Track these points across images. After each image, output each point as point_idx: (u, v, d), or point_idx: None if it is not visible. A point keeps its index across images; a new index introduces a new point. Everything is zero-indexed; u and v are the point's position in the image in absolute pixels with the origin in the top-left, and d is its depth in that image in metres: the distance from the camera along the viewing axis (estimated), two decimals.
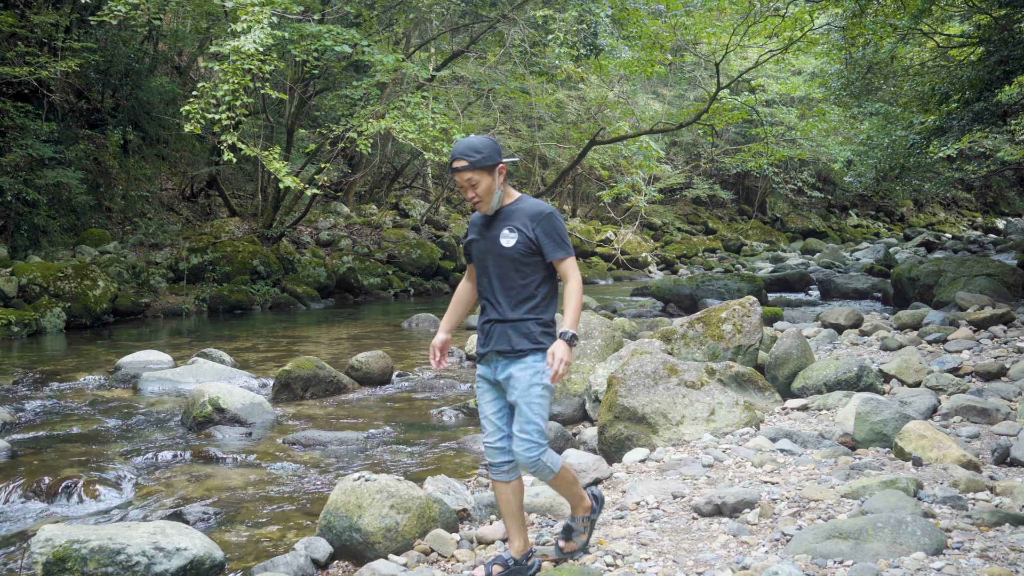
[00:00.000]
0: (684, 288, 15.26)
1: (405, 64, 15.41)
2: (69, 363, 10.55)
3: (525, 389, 3.80)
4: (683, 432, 5.82)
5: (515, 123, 24.95)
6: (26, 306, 13.18)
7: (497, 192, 3.85)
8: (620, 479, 5.30)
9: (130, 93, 20.35)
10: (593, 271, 24.43)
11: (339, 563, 4.48)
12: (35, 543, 4.13)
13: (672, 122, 21.34)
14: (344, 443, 6.83)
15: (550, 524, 4.69)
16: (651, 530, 4.35)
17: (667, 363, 6.19)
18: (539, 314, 3.86)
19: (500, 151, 3.87)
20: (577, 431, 7.02)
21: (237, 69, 12.40)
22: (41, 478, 5.77)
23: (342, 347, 11.90)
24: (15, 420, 7.44)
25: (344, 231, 21.60)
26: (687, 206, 34.53)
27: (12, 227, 16.20)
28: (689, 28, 19.35)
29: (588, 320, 7.95)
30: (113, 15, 13.11)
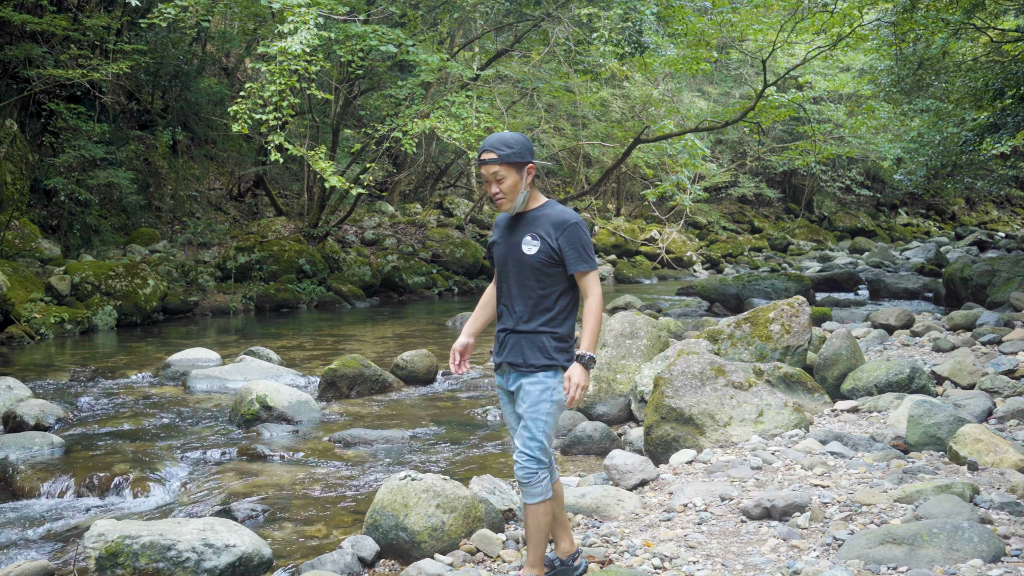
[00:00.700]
0: (730, 287, 15.11)
1: (450, 63, 15.44)
2: (120, 360, 10.73)
3: (533, 404, 3.68)
4: (731, 434, 5.75)
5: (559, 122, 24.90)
6: (79, 304, 13.43)
7: (523, 192, 3.71)
8: (667, 480, 5.26)
9: (179, 94, 20.65)
10: (637, 270, 24.30)
11: (385, 562, 4.49)
12: (88, 538, 4.20)
13: (718, 120, 21.13)
14: (389, 442, 6.86)
15: (596, 525, 4.66)
16: (699, 532, 4.30)
17: (714, 364, 6.13)
18: (555, 327, 3.72)
19: (532, 150, 3.75)
20: (623, 431, 6.98)
21: (284, 70, 12.50)
22: (93, 474, 5.87)
23: (387, 346, 11.96)
24: (69, 416, 7.58)
25: (389, 230, 21.72)
26: (732, 205, 34.21)
27: (65, 226, 16.53)
28: (735, 25, 19.14)
29: (634, 320, 7.90)
30: (163, 18, 13.30)
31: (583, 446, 6.53)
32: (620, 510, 4.81)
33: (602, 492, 4.96)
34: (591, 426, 6.65)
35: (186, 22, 15.91)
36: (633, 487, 5.23)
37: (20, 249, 14.81)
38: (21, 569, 4.26)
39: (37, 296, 13.01)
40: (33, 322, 12.39)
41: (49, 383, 9.15)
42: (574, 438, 6.58)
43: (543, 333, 3.70)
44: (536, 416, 3.67)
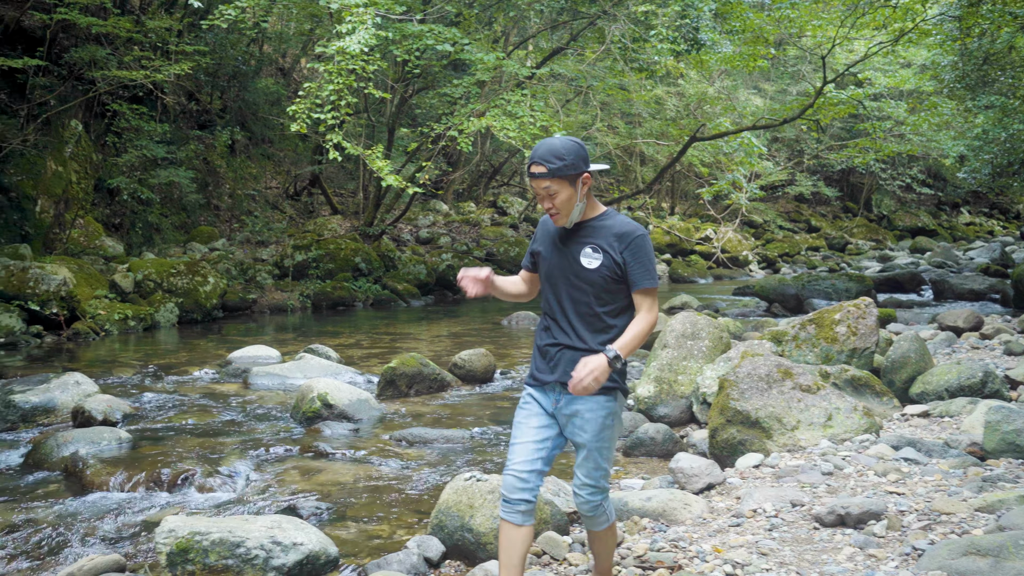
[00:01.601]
0: (789, 288, 14.88)
1: (505, 62, 15.42)
2: (183, 357, 10.89)
3: (597, 432, 3.44)
4: (798, 438, 5.64)
5: (613, 120, 24.76)
6: (142, 301, 13.67)
7: (578, 205, 3.38)
8: (734, 484, 5.17)
9: (237, 94, 20.95)
10: (692, 269, 24.07)
11: (451, 562, 4.48)
12: (159, 533, 4.25)
13: (775, 118, 20.83)
14: (450, 441, 6.85)
15: (663, 529, 4.59)
16: (770, 539, 4.21)
17: (781, 366, 6.01)
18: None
19: (587, 158, 3.39)
20: (685, 433, 6.89)
21: (342, 69, 12.58)
22: (161, 469, 5.94)
23: (443, 344, 11.98)
24: (135, 412, 7.69)
25: (443, 229, 21.80)
26: (789, 203, 33.74)
27: (128, 225, 16.85)
28: (794, 21, 18.84)
29: (695, 320, 7.79)
30: (224, 19, 13.47)
31: (645, 448, 6.45)
32: (687, 514, 4.74)
33: (668, 496, 4.89)
34: (653, 428, 6.57)
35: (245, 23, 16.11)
36: (699, 491, 5.15)
37: (85, 247, 15.12)
38: (94, 563, 4.32)
39: (102, 293, 13.26)
40: (98, 318, 12.64)
41: (115, 379, 9.32)
42: (636, 440, 6.51)
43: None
44: (602, 445, 3.47)
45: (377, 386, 8.78)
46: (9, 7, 15.25)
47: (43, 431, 7.19)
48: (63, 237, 14.88)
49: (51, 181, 14.81)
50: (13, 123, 14.64)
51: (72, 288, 12.43)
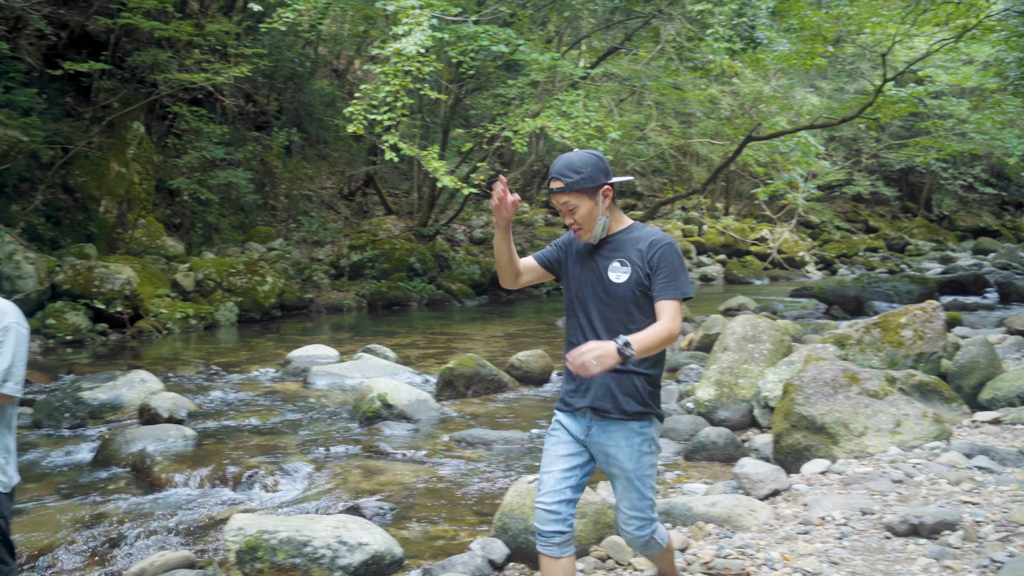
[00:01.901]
0: (849, 289, 14.63)
1: (560, 62, 15.39)
2: (243, 356, 11.04)
3: (636, 461, 3.28)
4: (866, 444, 5.53)
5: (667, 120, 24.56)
6: (202, 300, 13.90)
7: (601, 219, 3.26)
8: (800, 491, 5.09)
9: (293, 96, 21.21)
10: (747, 270, 23.80)
11: (515, 565, 4.47)
12: (228, 532, 4.30)
13: (833, 117, 20.51)
14: (509, 442, 6.85)
15: (728, 535, 4.54)
16: (841, 548, 4.13)
17: (847, 371, 5.91)
18: (647, 369, 3.28)
19: (607, 170, 3.27)
20: (746, 438, 6.80)
21: (398, 71, 12.66)
22: (226, 467, 6.03)
23: (498, 345, 11.99)
24: (199, 410, 7.82)
25: None
26: (847, 203, 33.19)
27: (188, 225, 17.14)
28: (852, 18, 18.52)
29: (756, 323, 7.70)
30: (282, 21, 13.63)
31: (707, 452, 6.39)
32: (753, 520, 4.68)
33: (733, 501, 4.83)
34: (715, 432, 6.50)
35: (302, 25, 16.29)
36: (764, 497, 5.08)
37: (147, 246, 15.42)
38: (165, 559, 4.39)
39: (164, 292, 13.51)
40: (160, 317, 12.88)
41: (178, 377, 9.48)
42: (698, 444, 6.45)
43: (636, 374, 3.25)
44: (643, 474, 3.31)
45: (435, 387, 8.81)
46: (75, 12, 15.60)
47: (111, 428, 7.34)
48: (126, 237, 15.18)
49: (114, 182, 15.12)
50: (78, 126, 14.98)
51: (136, 287, 12.68)
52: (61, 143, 14.19)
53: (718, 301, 15.90)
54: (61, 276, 12.30)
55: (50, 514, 5.33)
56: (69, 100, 15.45)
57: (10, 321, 3.29)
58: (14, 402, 3.33)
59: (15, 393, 3.26)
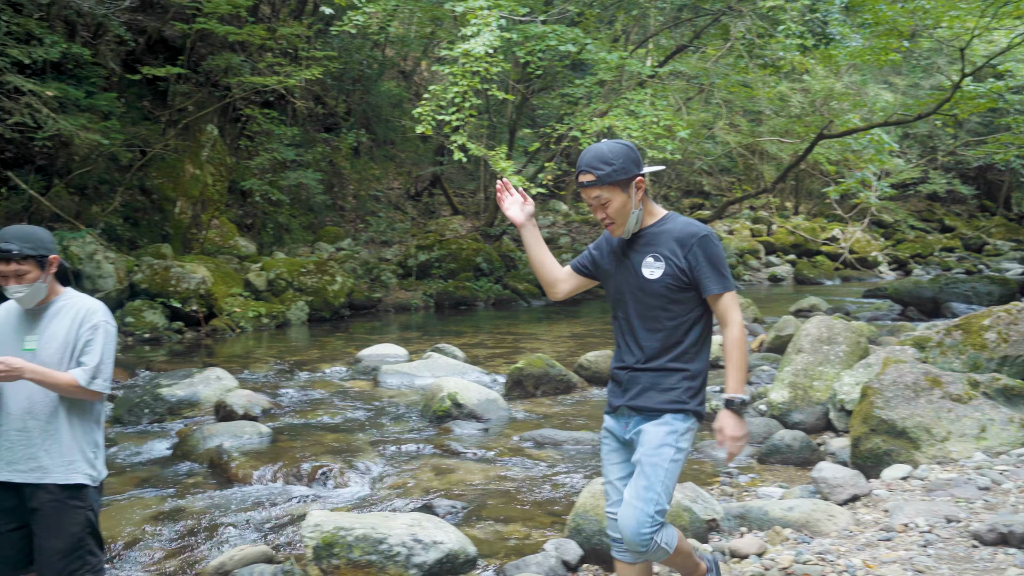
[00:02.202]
0: (926, 290, 14.26)
1: (628, 61, 15.29)
2: (314, 354, 11.20)
3: (654, 449, 3.11)
4: (949, 449, 5.38)
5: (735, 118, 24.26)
6: (274, 299, 14.14)
7: (634, 212, 3.14)
8: (881, 496, 4.96)
9: (361, 98, 21.46)
10: (818, 271, 23.37)
11: (589, 566, 4.45)
12: (305, 528, 4.36)
13: (908, 113, 20.01)
14: (580, 443, 6.82)
15: (806, 541, 4.45)
16: (926, 556, 4.02)
17: (928, 374, 5.75)
18: (687, 363, 3.16)
19: (638, 160, 3.14)
20: (821, 441, 6.67)
21: (466, 71, 12.71)
22: (301, 464, 6.11)
23: (565, 345, 11.96)
24: (273, 407, 7.95)
25: (563, 229, 21.80)
26: (921, 202, 32.38)
27: (259, 225, 17.46)
28: (929, 12, 18.04)
29: (832, 324, 7.54)
30: (352, 24, 13.80)
31: (781, 455, 6.27)
32: (831, 526, 4.58)
33: (811, 506, 4.74)
34: (790, 435, 6.38)
35: (371, 27, 16.46)
36: (844, 502, 4.97)
37: (220, 246, 15.75)
38: (244, 553, 4.47)
39: (237, 291, 13.78)
40: (234, 316, 13.14)
41: (251, 374, 9.65)
42: (772, 447, 6.34)
43: (673, 371, 3.15)
44: (656, 461, 3.09)
45: (504, 386, 8.82)
46: (152, 18, 16.01)
47: (188, 424, 7.50)
48: (200, 237, 15.52)
49: (189, 183, 15.47)
50: (155, 129, 15.37)
51: (210, 286, 12.95)
52: (139, 146, 14.57)
53: (788, 302, 15.64)
54: (139, 275, 12.63)
55: (132, 508, 5.46)
56: (146, 104, 15.87)
57: (99, 320, 3.37)
58: (102, 398, 3.41)
59: (104, 390, 3.34)
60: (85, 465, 3.35)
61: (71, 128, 11.71)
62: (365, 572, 4.20)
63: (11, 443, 3.31)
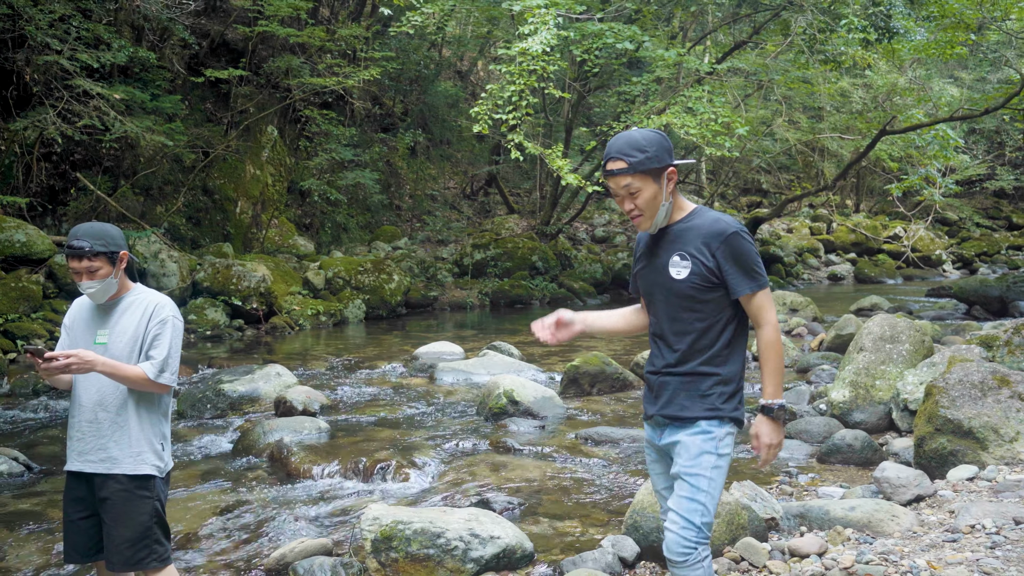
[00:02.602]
0: (992, 289, 13.91)
1: (686, 58, 15.18)
2: (371, 352, 11.32)
3: (693, 458, 2.94)
4: (1018, 450, 5.24)
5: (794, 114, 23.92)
6: (332, 298, 14.31)
7: (664, 205, 2.97)
8: (946, 497, 4.86)
9: (418, 98, 21.61)
10: (879, 269, 22.94)
11: (646, 563, 4.43)
12: (364, 520, 4.41)
13: (975, 108, 19.53)
14: (636, 441, 6.78)
15: (869, 541, 4.37)
16: (993, 558, 3.92)
17: (996, 373, 5.61)
18: (719, 367, 2.98)
19: (671, 149, 2.98)
20: (884, 441, 6.55)
21: (523, 70, 12.73)
22: (358, 459, 6.18)
23: (621, 344, 11.90)
24: (332, 403, 8.06)
25: (619, 228, 21.71)
26: (987, 199, 31.56)
27: (318, 224, 17.69)
28: (998, 3, 17.59)
29: (895, 323, 7.40)
30: (411, 25, 13.92)
31: (842, 455, 6.18)
32: (895, 526, 4.50)
33: (874, 506, 4.66)
34: (851, 434, 6.28)
35: (429, 28, 16.59)
36: (907, 503, 4.88)
37: (279, 246, 16.00)
38: (304, 545, 4.53)
39: (296, 289, 13.98)
40: (293, 314, 13.33)
41: (310, 371, 9.79)
42: (832, 446, 6.24)
43: (705, 376, 2.97)
44: (697, 472, 2.92)
45: (560, 384, 8.82)
46: (215, 22, 16.33)
47: (249, 419, 7.63)
48: (260, 236, 15.79)
49: (250, 184, 15.75)
50: (217, 130, 15.66)
51: (270, 284, 13.16)
52: (202, 147, 14.87)
53: (849, 301, 15.37)
54: (201, 274, 12.88)
55: (196, 500, 5.58)
56: (209, 106, 16.18)
57: (167, 314, 3.45)
58: (170, 391, 3.49)
59: (171, 383, 3.42)
60: (153, 456, 3.43)
61: (137, 130, 12.00)
62: (423, 566, 4.24)
63: (82, 434, 3.40)
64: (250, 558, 4.67)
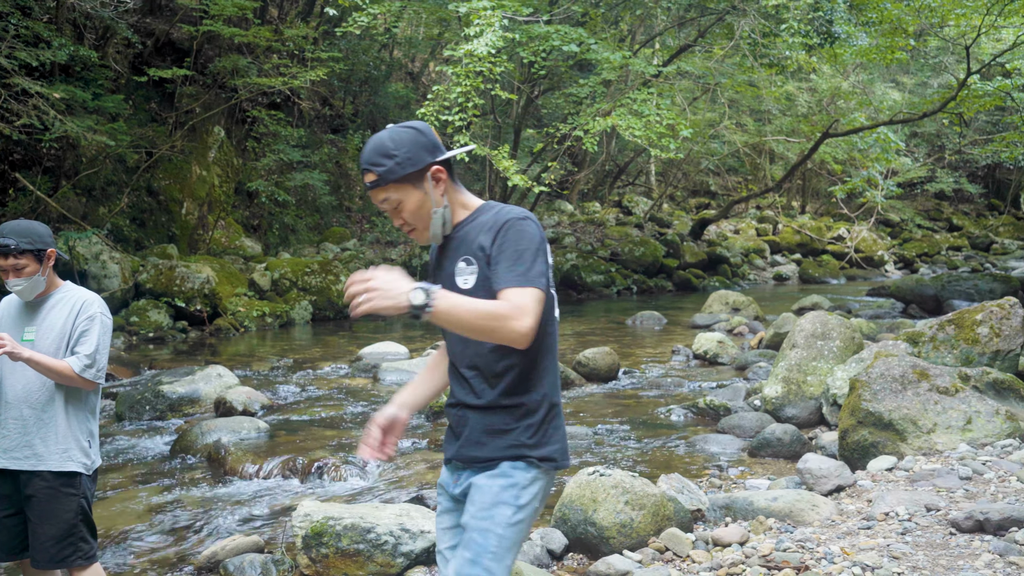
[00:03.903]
0: (928, 288, 14.27)
1: (632, 61, 15.36)
2: (316, 352, 11.30)
3: (486, 508, 2.36)
4: (935, 441, 5.43)
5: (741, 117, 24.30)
6: (278, 299, 14.25)
7: (437, 211, 2.43)
8: (865, 487, 5.02)
9: (368, 99, 21.57)
10: (824, 270, 23.37)
11: (574, 555, 4.52)
12: (295, 517, 4.45)
13: (914, 112, 20.02)
14: (573, 437, 6.88)
15: (789, 530, 4.51)
16: (903, 543, 4.08)
17: (916, 367, 5.80)
18: (522, 395, 2.39)
19: (434, 144, 2.44)
20: (813, 435, 6.72)
21: (469, 72, 12.81)
22: (296, 458, 6.21)
23: (567, 343, 12.02)
24: (272, 403, 8.05)
25: (568, 229, 21.86)
26: (928, 201, 32.31)
27: (265, 226, 17.59)
28: (935, 10, 18.04)
29: (826, 320, 7.60)
30: (357, 25, 13.92)
31: (772, 449, 6.34)
32: (815, 516, 4.64)
33: (795, 496, 4.80)
34: (780, 428, 6.44)
35: (377, 29, 16.59)
36: (828, 493, 5.03)
37: (226, 247, 15.89)
38: (236, 543, 4.56)
39: (241, 291, 13.89)
40: (238, 315, 13.25)
41: (253, 372, 9.76)
42: (763, 440, 6.40)
43: (506, 408, 2.40)
44: (487, 527, 2.34)
45: None
46: (160, 21, 16.17)
47: (188, 420, 7.60)
48: (206, 238, 15.66)
49: (196, 185, 15.62)
50: (162, 130, 15.51)
51: (214, 286, 13.07)
52: (146, 147, 14.71)
53: (792, 300, 15.67)
54: (144, 275, 12.76)
55: (129, 500, 5.56)
56: (153, 106, 16.01)
57: (95, 311, 3.47)
58: (97, 388, 3.51)
59: (97, 380, 3.43)
60: (79, 453, 3.45)
61: (78, 130, 11.84)
62: (353, 561, 4.29)
63: (7, 431, 3.41)
64: (181, 557, 4.68)
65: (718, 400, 7.71)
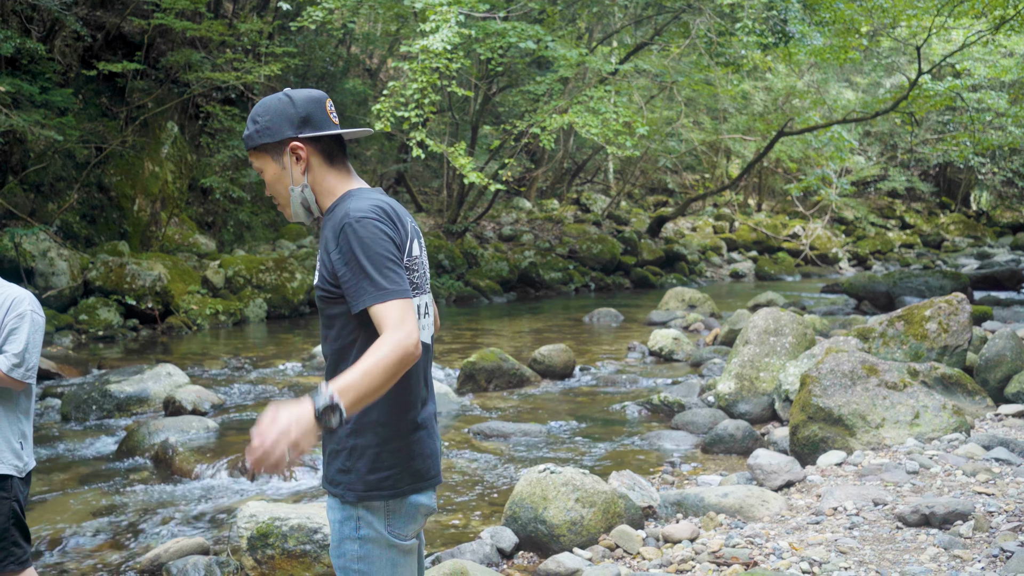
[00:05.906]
0: (880, 285, 14.46)
1: (588, 58, 15.37)
2: (270, 351, 11.17)
3: (336, 546, 2.22)
4: (883, 436, 5.48)
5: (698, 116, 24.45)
6: (232, 296, 14.05)
7: (294, 189, 2.23)
8: (814, 482, 5.05)
9: None
10: (779, 267, 23.60)
11: (524, 553, 4.49)
12: (241, 518, 4.37)
13: (867, 111, 20.28)
14: (527, 435, 6.86)
15: (739, 526, 4.52)
16: (850, 537, 4.10)
17: (866, 362, 5.85)
18: (361, 414, 2.14)
19: (300, 117, 2.21)
20: (766, 431, 6.77)
21: (425, 68, 12.73)
22: (246, 457, 6.09)
23: (524, 340, 12.00)
24: (223, 402, 7.92)
25: (526, 226, 21.85)
26: (881, 199, 32.77)
27: (220, 223, 17.35)
28: (887, 11, 18.29)
29: (778, 317, 7.65)
30: (311, 20, 13.76)
31: (724, 445, 6.36)
32: (765, 511, 4.66)
33: (746, 492, 4.81)
34: (733, 425, 6.47)
35: (332, 24, 16.42)
36: (778, 488, 5.05)
37: (179, 244, 15.63)
38: (180, 545, 4.46)
39: (194, 288, 13.68)
40: (191, 313, 13.05)
41: (205, 371, 9.60)
42: (715, 436, 6.42)
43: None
44: (344, 564, 2.20)
45: (456, 380, 8.85)
46: (110, 14, 15.86)
47: (136, 420, 7.45)
48: (159, 235, 15.40)
49: (148, 181, 15.35)
50: (113, 125, 15.22)
51: (167, 284, 12.85)
52: (96, 143, 14.42)
53: (747, 297, 15.79)
54: (93, 273, 12.50)
55: (71, 502, 5.43)
56: (104, 100, 15.70)
57: (25, 308, 3.36)
58: (29, 388, 3.40)
59: (27, 380, 3.32)
60: (11, 456, 3.34)
61: (25, 124, 11.57)
62: (299, 561, 4.22)
63: None
64: (123, 560, 4.57)
65: (672, 397, 7.73)
